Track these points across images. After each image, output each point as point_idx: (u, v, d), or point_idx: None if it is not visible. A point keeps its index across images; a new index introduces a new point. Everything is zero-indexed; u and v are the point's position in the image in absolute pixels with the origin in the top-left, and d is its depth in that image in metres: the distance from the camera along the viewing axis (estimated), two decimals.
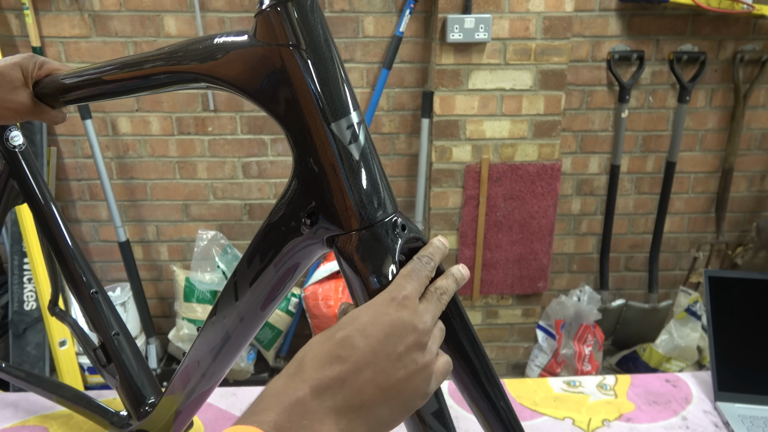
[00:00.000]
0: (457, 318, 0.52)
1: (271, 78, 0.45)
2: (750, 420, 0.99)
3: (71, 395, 0.91)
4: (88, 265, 0.83)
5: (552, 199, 2.23)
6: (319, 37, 0.43)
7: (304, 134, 0.44)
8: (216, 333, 0.59)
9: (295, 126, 0.45)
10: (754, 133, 2.42)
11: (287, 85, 0.44)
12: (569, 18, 2.03)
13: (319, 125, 0.44)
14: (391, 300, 0.43)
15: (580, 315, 2.26)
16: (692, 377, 1.13)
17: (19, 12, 2.09)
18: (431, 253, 0.47)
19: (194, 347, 0.64)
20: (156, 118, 2.26)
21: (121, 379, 0.82)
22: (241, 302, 0.55)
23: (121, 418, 0.86)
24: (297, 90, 0.43)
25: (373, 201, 0.45)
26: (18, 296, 2.18)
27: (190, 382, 0.66)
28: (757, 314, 1.07)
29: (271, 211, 0.51)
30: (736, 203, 2.52)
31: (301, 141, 0.45)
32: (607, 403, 1.06)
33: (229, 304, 0.57)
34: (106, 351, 0.82)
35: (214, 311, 0.59)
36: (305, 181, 0.46)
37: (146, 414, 0.80)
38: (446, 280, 0.47)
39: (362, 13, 2.15)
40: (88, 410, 0.89)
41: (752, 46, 2.29)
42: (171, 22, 2.13)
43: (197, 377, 0.65)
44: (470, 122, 2.13)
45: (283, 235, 0.50)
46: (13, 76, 0.66)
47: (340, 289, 2.20)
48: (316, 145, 0.44)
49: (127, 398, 0.83)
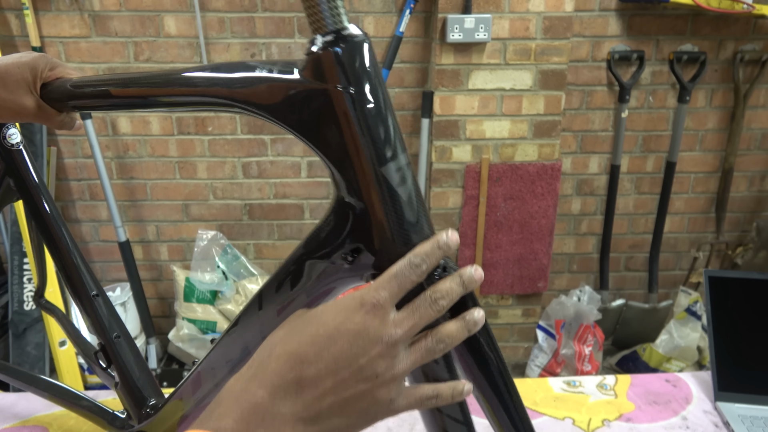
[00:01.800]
0: (484, 336, 0.50)
1: (321, 118, 0.44)
2: (750, 420, 0.99)
3: (69, 396, 0.91)
4: (88, 266, 0.82)
5: (552, 199, 2.23)
6: (372, 81, 0.43)
7: (352, 176, 0.44)
8: (235, 346, 0.59)
9: (343, 167, 0.44)
10: (754, 133, 2.42)
11: (338, 127, 0.43)
12: (569, 18, 2.03)
13: (370, 169, 0.43)
14: (361, 306, 0.40)
15: (580, 315, 2.26)
16: (692, 377, 1.13)
17: (19, 12, 2.09)
18: (426, 253, 0.42)
19: (210, 357, 0.63)
20: (156, 118, 2.26)
21: (122, 381, 0.82)
22: (264, 321, 0.55)
23: (121, 420, 0.86)
24: (348, 133, 0.43)
25: (419, 238, 0.45)
26: (18, 296, 2.18)
27: (201, 389, 0.66)
28: (757, 314, 1.07)
29: (305, 241, 0.50)
30: (736, 203, 2.52)
31: (348, 182, 0.45)
32: (607, 403, 1.06)
33: (252, 321, 0.57)
34: (107, 353, 0.82)
35: (236, 324, 0.59)
36: (348, 219, 0.46)
37: (148, 415, 0.80)
38: (450, 283, 0.42)
39: (362, 13, 2.15)
40: (86, 411, 0.89)
41: (752, 46, 2.29)
42: (171, 22, 2.13)
43: (209, 386, 0.64)
44: (470, 122, 2.14)
45: (321, 267, 0.49)
46: (20, 76, 0.62)
47: None
48: (366, 188, 0.44)
49: (128, 400, 0.83)
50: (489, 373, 0.50)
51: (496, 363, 0.50)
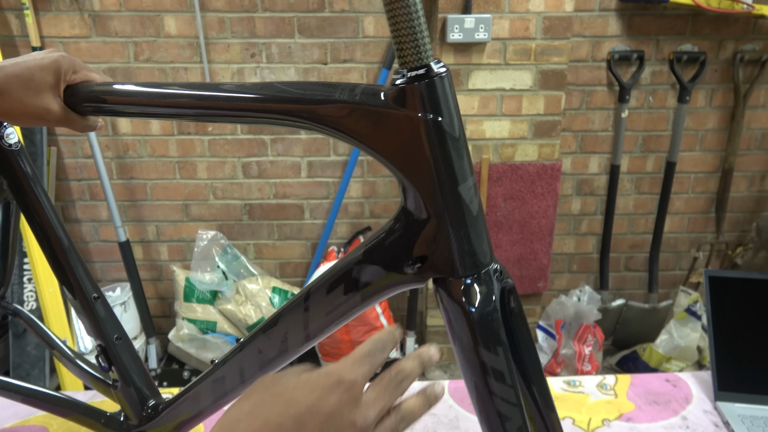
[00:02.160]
0: (526, 348, 0.56)
1: (406, 142, 0.48)
2: (750, 420, 0.99)
3: (61, 402, 0.90)
4: (86, 268, 0.81)
5: (552, 199, 2.23)
6: (452, 111, 0.48)
7: (432, 193, 0.49)
8: (272, 346, 0.60)
9: (423, 185, 0.49)
10: (754, 133, 2.42)
11: (422, 151, 0.48)
12: (569, 18, 2.03)
13: (450, 187, 0.49)
14: (338, 384, 0.39)
15: (580, 315, 2.26)
16: (692, 377, 1.13)
17: (19, 12, 2.09)
18: (384, 340, 0.44)
19: (240, 356, 0.63)
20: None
21: (123, 382, 0.82)
22: (310, 320, 0.58)
23: (119, 422, 0.85)
24: (432, 157, 0.48)
25: (482, 250, 0.51)
26: (18, 296, 2.18)
27: (226, 395, 0.66)
28: (757, 314, 1.07)
29: (365, 248, 0.53)
30: (736, 203, 2.53)
31: (425, 198, 0.49)
32: (607, 403, 1.06)
33: (296, 321, 0.58)
34: (108, 355, 0.82)
35: (274, 324, 0.60)
36: (418, 230, 0.51)
37: (150, 416, 0.80)
38: (412, 362, 0.44)
39: (362, 13, 2.15)
40: (80, 416, 0.88)
41: (752, 46, 2.29)
42: (171, 22, 2.13)
43: (236, 383, 0.65)
44: (470, 122, 2.13)
45: (382, 273, 0.53)
46: (43, 80, 0.58)
47: None
48: (445, 204, 0.49)
49: (128, 400, 0.82)
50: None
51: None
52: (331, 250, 2.40)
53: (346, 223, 2.43)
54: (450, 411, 1.04)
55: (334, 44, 2.19)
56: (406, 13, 0.45)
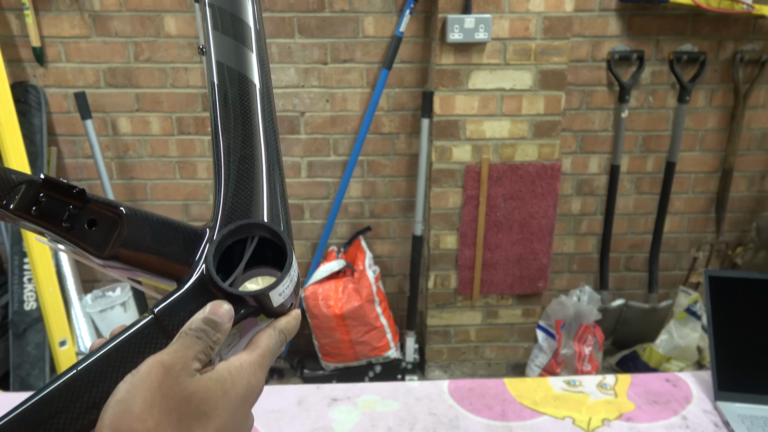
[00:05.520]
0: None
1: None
2: (750, 420, 0.99)
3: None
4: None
5: (552, 199, 2.23)
6: None
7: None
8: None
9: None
10: (754, 133, 2.42)
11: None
12: (569, 18, 2.03)
13: None
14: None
15: (580, 315, 2.26)
16: (692, 377, 1.13)
17: (19, 12, 2.09)
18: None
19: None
20: (156, 118, 2.26)
21: None
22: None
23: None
24: None
25: None
26: (18, 296, 2.18)
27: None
28: (757, 314, 1.07)
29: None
30: (736, 203, 2.53)
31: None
32: (608, 403, 1.06)
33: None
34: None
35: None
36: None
37: None
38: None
39: (362, 13, 2.15)
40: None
41: (752, 46, 2.29)
42: (171, 22, 2.13)
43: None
44: (470, 122, 2.14)
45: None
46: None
47: (340, 289, 2.20)
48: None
49: None
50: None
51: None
52: (331, 250, 2.40)
53: (346, 223, 2.43)
54: (450, 411, 1.04)
55: (334, 44, 2.19)
56: None
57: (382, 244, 2.48)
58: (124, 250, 0.44)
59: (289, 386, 1.08)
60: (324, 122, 2.29)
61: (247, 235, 0.45)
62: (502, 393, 1.08)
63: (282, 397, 1.05)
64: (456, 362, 2.50)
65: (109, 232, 0.44)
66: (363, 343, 2.26)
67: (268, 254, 0.46)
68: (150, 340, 0.40)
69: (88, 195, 0.43)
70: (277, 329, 0.44)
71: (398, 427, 0.99)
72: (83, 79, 2.19)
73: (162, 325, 0.41)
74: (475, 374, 2.49)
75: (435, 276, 2.34)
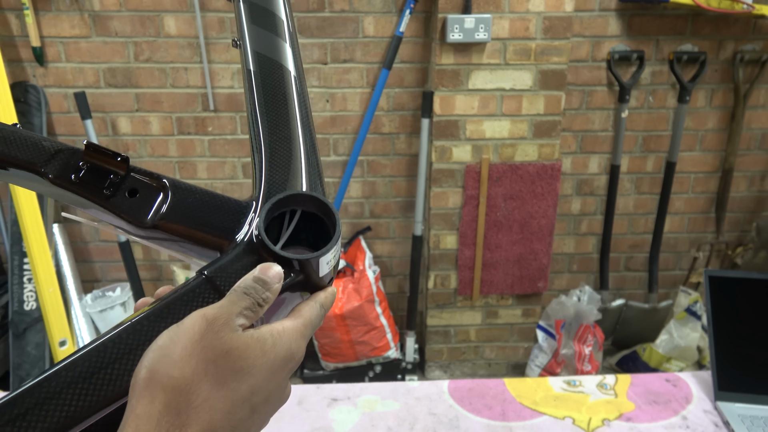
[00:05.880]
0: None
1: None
2: (750, 420, 0.99)
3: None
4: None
5: (552, 199, 2.23)
6: None
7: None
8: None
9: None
10: (754, 133, 2.42)
11: None
12: (569, 18, 2.03)
13: None
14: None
15: (580, 315, 2.26)
16: (692, 377, 1.13)
17: (19, 12, 2.09)
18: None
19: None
20: (156, 118, 2.26)
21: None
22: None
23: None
24: None
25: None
26: (18, 296, 2.18)
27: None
28: (757, 314, 1.07)
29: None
30: (736, 203, 2.53)
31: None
32: (608, 403, 1.06)
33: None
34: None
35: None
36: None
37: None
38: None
39: (362, 13, 2.15)
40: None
41: (752, 46, 2.29)
42: (171, 22, 2.13)
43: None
44: (470, 122, 2.14)
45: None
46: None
47: (340, 289, 2.20)
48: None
49: None
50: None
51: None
52: None
53: (346, 223, 2.43)
54: (450, 411, 1.04)
55: (334, 44, 2.19)
56: None
57: (382, 244, 2.48)
58: (166, 220, 0.44)
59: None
60: (324, 122, 2.29)
61: (295, 206, 0.46)
62: (502, 393, 1.08)
63: None
64: (456, 362, 2.50)
65: (150, 201, 0.44)
66: (363, 343, 2.26)
67: (302, 236, 0.47)
68: (201, 298, 0.40)
69: (131, 165, 0.43)
70: (318, 302, 0.45)
71: (398, 427, 0.99)
72: (83, 79, 2.19)
73: (213, 284, 0.41)
74: (475, 374, 2.49)
75: (435, 276, 2.34)
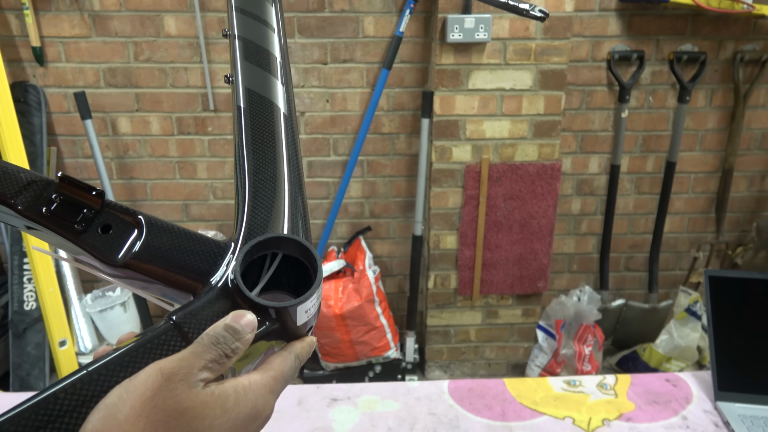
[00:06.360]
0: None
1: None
2: (750, 420, 0.99)
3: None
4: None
5: (552, 199, 2.23)
6: None
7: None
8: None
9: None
10: (754, 133, 2.42)
11: None
12: (569, 18, 2.03)
13: None
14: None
15: (580, 315, 2.26)
16: (692, 377, 1.13)
17: (19, 12, 2.09)
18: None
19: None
20: (156, 118, 2.26)
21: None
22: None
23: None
24: None
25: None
26: (18, 296, 2.18)
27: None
28: (757, 314, 1.07)
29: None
30: (736, 203, 2.53)
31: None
32: (608, 403, 1.06)
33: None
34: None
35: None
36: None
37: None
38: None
39: (362, 13, 2.15)
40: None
41: (752, 46, 2.29)
42: (171, 22, 2.13)
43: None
44: (470, 122, 2.13)
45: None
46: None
47: (340, 289, 2.20)
48: None
49: None
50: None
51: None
52: (331, 250, 2.40)
53: (346, 223, 2.43)
54: (450, 411, 1.04)
55: (334, 44, 2.19)
56: None
57: (382, 244, 2.48)
58: (138, 260, 0.41)
59: (289, 386, 1.08)
60: (324, 122, 2.29)
61: (275, 249, 0.44)
62: (502, 393, 1.08)
63: (282, 397, 1.05)
64: (456, 362, 2.50)
65: (123, 239, 0.41)
66: (363, 343, 2.26)
67: (283, 280, 0.45)
68: (166, 346, 0.37)
69: (107, 199, 0.41)
70: (293, 353, 0.41)
71: (398, 427, 0.99)
72: (83, 79, 2.19)
73: (181, 331, 0.38)
74: (475, 374, 2.49)
75: (435, 276, 2.34)
